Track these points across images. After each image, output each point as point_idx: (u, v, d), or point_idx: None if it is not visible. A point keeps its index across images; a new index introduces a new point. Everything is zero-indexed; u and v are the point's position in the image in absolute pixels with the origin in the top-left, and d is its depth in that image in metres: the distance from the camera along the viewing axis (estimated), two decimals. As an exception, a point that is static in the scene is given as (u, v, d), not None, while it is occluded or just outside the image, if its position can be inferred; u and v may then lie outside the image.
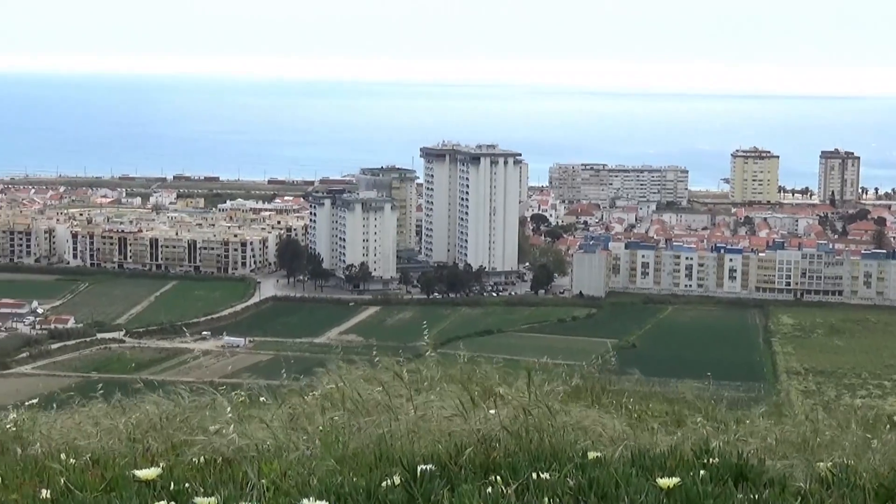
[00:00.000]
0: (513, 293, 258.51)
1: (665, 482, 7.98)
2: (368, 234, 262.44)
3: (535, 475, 8.27)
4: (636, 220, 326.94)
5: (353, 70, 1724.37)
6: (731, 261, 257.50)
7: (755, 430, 13.96)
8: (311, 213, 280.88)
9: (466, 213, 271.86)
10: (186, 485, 8.45)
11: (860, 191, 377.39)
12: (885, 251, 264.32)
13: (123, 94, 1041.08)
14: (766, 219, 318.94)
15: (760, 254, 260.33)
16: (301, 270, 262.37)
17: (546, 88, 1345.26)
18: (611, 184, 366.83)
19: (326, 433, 11.09)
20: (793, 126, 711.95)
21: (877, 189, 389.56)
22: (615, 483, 8.03)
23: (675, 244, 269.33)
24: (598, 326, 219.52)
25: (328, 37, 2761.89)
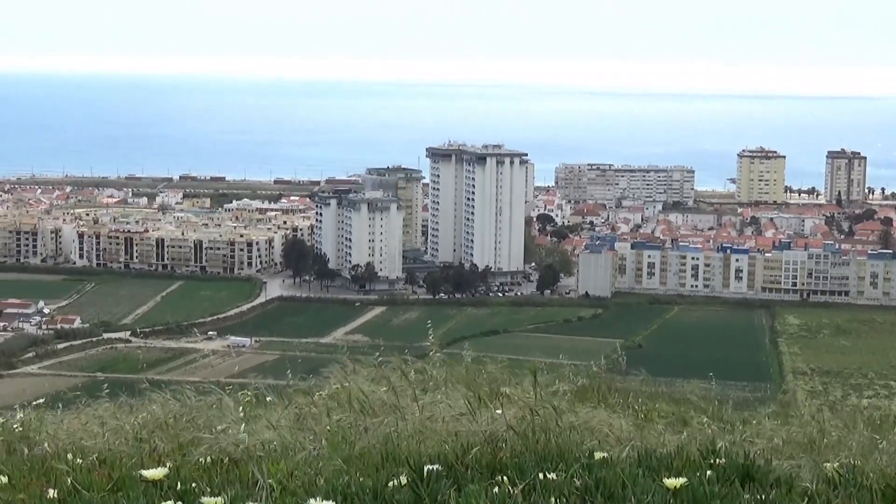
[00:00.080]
0: (519, 293, 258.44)
1: (672, 482, 7.99)
2: (374, 234, 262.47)
3: (542, 475, 8.28)
4: (642, 221, 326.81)
5: (355, 70, 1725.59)
6: (738, 261, 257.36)
7: (762, 431, 13.96)
8: (317, 213, 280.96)
9: (472, 213, 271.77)
10: (193, 485, 8.46)
11: (866, 191, 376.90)
12: (892, 251, 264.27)
13: (128, 94, 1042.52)
14: (773, 219, 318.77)
15: (767, 254, 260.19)
16: (307, 270, 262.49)
17: (547, 88, 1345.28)
18: (617, 184, 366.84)
19: (333, 433, 11.10)
20: (798, 126, 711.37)
21: (883, 189, 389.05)
22: (622, 483, 8.04)
23: (682, 244, 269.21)
24: (604, 327, 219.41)
25: (329, 37, 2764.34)
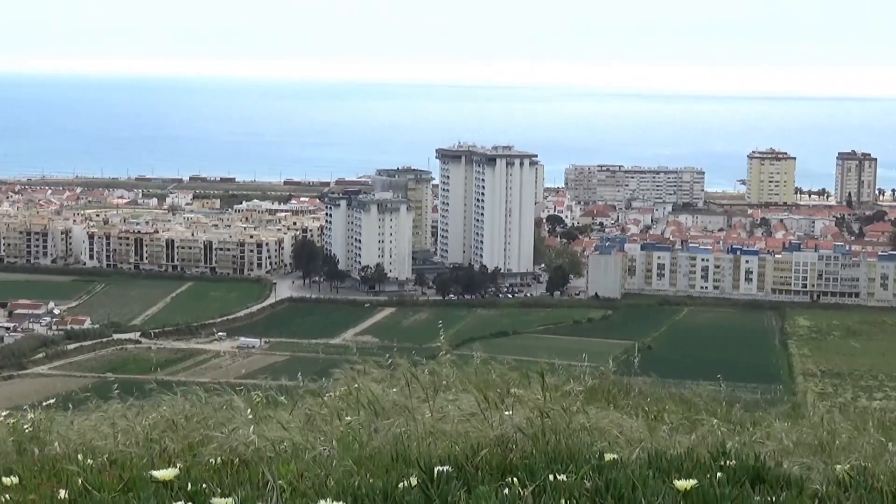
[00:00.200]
0: (528, 294, 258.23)
1: (682, 484, 7.99)
2: (384, 236, 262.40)
3: (552, 477, 8.28)
4: (652, 222, 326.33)
5: (365, 71, 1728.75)
6: (748, 262, 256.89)
7: (772, 433, 13.92)
8: (327, 214, 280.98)
9: (482, 215, 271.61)
10: (204, 485, 8.48)
11: (877, 192, 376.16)
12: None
13: (139, 95, 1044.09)
14: (783, 220, 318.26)
15: (777, 255, 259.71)
16: (317, 271, 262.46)
17: (557, 90, 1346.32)
18: (627, 185, 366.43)
19: (344, 434, 11.10)
20: (809, 127, 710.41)
21: (893, 190, 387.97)
22: (632, 485, 8.04)
23: (691, 246, 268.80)
24: (614, 328, 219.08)
25: (340, 38, 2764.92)
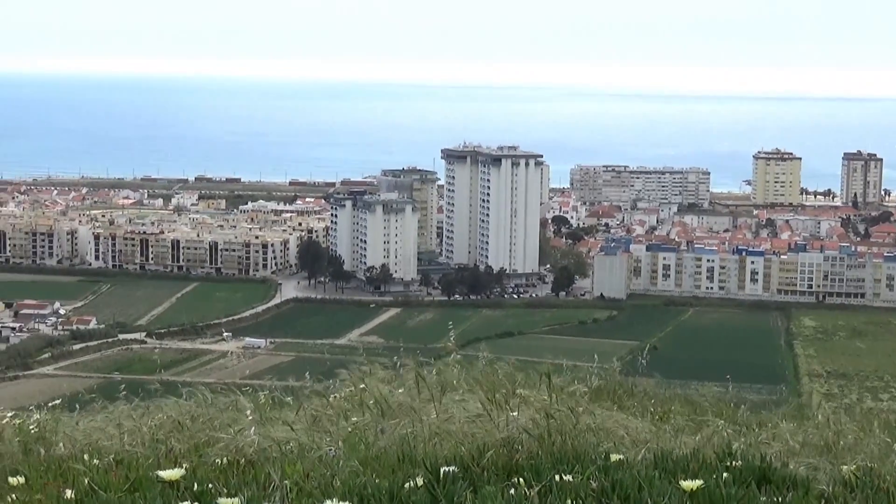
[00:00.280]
0: (534, 295, 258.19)
1: (688, 484, 7.99)
2: (389, 236, 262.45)
3: (558, 477, 8.29)
4: (657, 222, 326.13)
5: (370, 71, 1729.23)
6: (753, 263, 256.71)
7: (778, 433, 13.89)
8: (333, 215, 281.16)
9: (487, 215, 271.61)
10: (210, 486, 8.49)
11: (883, 193, 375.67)
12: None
13: (144, 96, 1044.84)
14: (788, 221, 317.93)
15: (782, 256, 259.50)
16: (322, 272, 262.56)
17: (562, 90, 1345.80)
18: (632, 185, 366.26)
19: (350, 435, 11.10)
20: (814, 128, 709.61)
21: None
22: (638, 485, 8.04)
23: (697, 246, 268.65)
24: (619, 328, 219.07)
25: (345, 38, 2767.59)
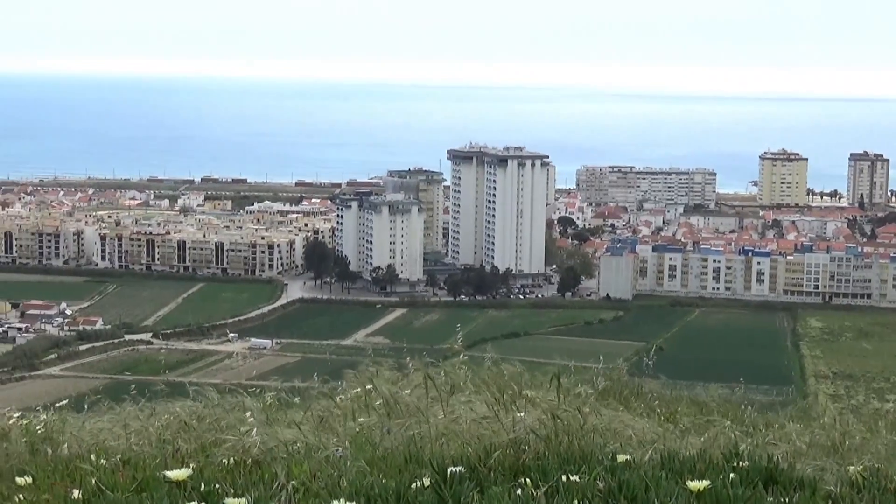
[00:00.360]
0: (539, 296, 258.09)
1: (695, 485, 7.99)
2: (395, 237, 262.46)
3: (565, 478, 8.28)
4: (663, 223, 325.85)
5: (376, 72, 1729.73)
6: (759, 264, 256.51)
7: (784, 434, 13.90)
8: (338, 216, 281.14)
9: (493, 216, 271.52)
10: (217, 486, 8.49)
11: (889, 193, 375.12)
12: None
13: (150, 96, 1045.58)
14: (795, 222, 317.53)
15: (788, 257, 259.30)
16: (328, 272, 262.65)
17: (567, 91, 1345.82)
18: (638, 186, 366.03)
19: (356, 435, 11.11)
20: (820, 128, 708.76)
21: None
22: (645, 486, 8.04)
23: (703, 247, 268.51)
24: (625, 329, 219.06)
25: (351, 39, 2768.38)
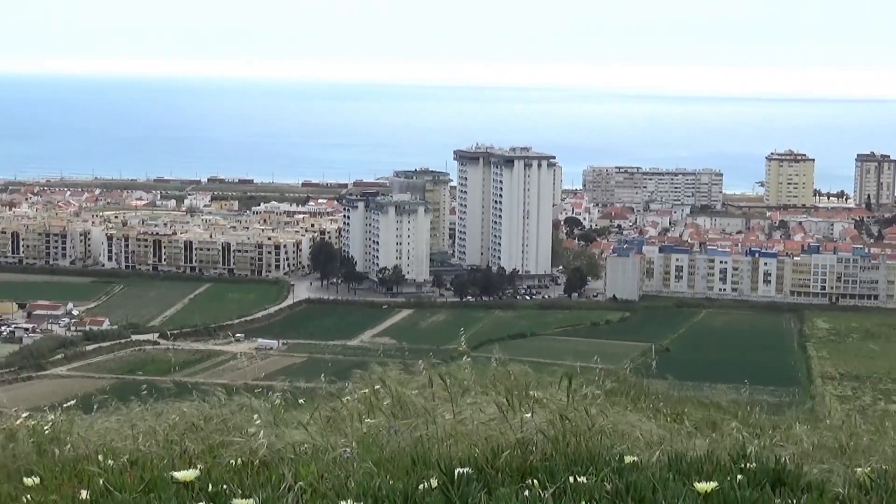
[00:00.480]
0: (546, 296, 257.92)
1: (702, 486, 7.99)
2: (402, 237, 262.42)
3: (572, 479, 8.28)
4: (670, 224, 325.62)
5: (383, 73, 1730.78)
6: (766, 265, 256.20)
7: (792, 435, 13.88)
8: (345, 216, 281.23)
9: (500, 216, 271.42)
10: (224, 486, 8.50)
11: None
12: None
13: (157, 97, 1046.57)
14: (801, 222, 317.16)
15: (795, 258, 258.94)
16: (334, 273, 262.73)
17: (574, 92, 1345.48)
18: (645, 187, 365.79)
19: (364, 436, 11.10)
20: (827, 129, 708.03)
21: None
22: (652, 487, 8.03)
23: (710, 248, 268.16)
24: (632, 330, 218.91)
25: (358, 40, 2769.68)
